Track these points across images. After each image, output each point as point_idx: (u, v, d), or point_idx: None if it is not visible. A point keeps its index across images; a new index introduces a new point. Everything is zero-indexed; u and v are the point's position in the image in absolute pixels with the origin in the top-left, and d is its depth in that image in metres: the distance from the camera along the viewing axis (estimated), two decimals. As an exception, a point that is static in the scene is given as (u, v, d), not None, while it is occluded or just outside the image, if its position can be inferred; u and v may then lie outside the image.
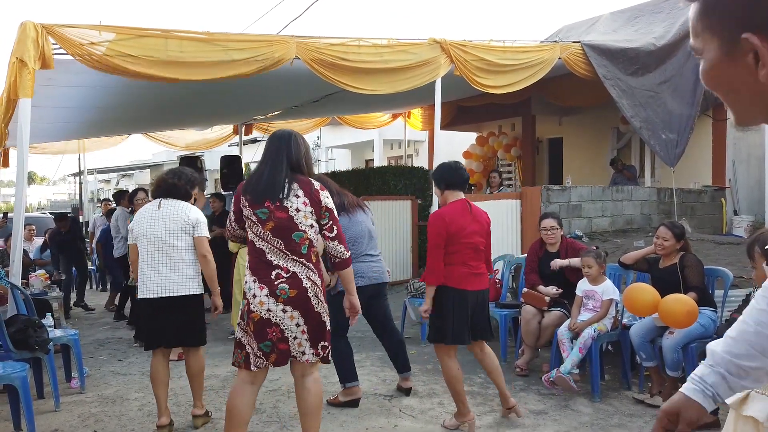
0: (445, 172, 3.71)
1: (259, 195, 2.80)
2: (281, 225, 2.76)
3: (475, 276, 3.59)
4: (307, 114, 10.05)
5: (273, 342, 2.76)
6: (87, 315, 8.16)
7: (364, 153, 19.32)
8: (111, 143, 11.33)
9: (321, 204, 2.83)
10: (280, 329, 2.75)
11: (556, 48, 7.12)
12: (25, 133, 4.50)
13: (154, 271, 3.58)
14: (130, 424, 3.85)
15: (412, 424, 3.75)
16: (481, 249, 3.62)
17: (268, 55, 5.38)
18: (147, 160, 30.56)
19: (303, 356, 2.79)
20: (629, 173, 9.64)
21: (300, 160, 2.89)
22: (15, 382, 3.49)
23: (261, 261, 2.78)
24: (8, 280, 4.50)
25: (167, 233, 3.58)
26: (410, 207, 8.69)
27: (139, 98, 6.71)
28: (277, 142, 2.92)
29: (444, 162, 3.85)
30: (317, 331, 2.80)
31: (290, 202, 2.78)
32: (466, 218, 3.57)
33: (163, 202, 3.67)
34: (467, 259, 3.56)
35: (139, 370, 5.13)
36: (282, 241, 2.76)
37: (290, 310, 2.74)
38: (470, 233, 3.56)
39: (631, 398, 4.13)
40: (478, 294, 3.63)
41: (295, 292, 2.74)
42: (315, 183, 2.88)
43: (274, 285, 2.74)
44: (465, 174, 3.75)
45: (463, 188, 3.70)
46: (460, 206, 3.60)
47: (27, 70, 4.34)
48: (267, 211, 2.78)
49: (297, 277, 2.75)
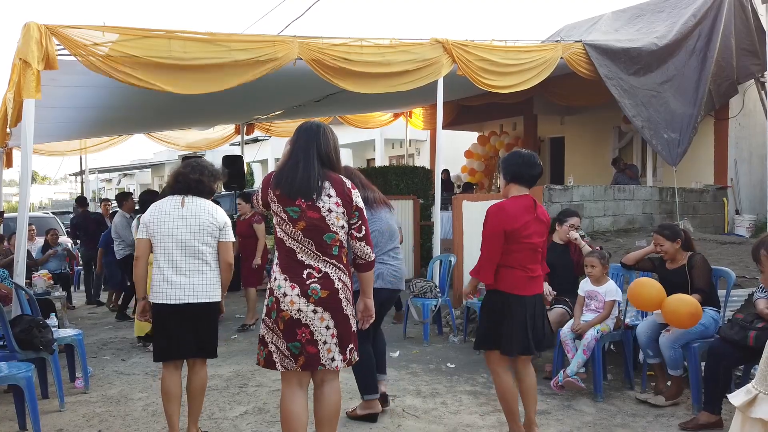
0: (513, 164, 3.33)
1: (293, 192, 2.70)
2: (313, 225, 2.68)
3: (530, 279, 3.28)
4: (309, 113, 10.06)
5: (302, 343, 2.68)
6: (90, 315, 8.18)
7: (366, 152, 19.33)
8: (112, 143, 11.33)
9: (353, 204, 2.76)
10: (310, 331, 2.68)
11: (558, 48, 7.13)
12: (29, 134, 4.52)
13: (175, 275, 3.27)
14: (135, 424, 3.86)
15: (415, 423, 3.76)
16: (539, 250, 3.33)
17: (270, 56, 5.39)
18: (148, 159, 30.60)
19: (332, 363, 2.71)
20: (631, 173, 9.65)
21: (330, 154, 2.79)
22: (20, 383, 3.50)
23: (292, 260, 2.70)
24: (12, 281, 4.51)
25: (192, 235, 3.29)
26: (412, 207, 8.70)
27: (141, 98, 6.72)
28: (306, 135, 2.79)
29: (518, 150, 3.45)
30: (345, 335, 2.74)
31: (323, 202, 2.69)
32: (529, 216, 3.27)
33: (187, 199, 3.36)
34: (525, 262, 3.26)
35: (143, 369, 5.14)
36: (313, 242, 2.69)
37: (321, 311, 2.67)
38: (532, 233, 3.26)
39: (633, 398, 4.13)
40: (536, 299, 3.31)
41: (327, 292, 2.68)
42: (347, 182, 2.79)
43: (306, 285, 2.67)
44: (536, 170, 3.33)
45: (531, 185, 3.35)
46: (524, 203, 3.28)
47: (31, 71, 4.35)
48: (299, 210, 2.68)
49: (329, 278, 2.69)
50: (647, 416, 3.82)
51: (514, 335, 3.23)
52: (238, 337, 6.27)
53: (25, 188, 4.77)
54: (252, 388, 4.52)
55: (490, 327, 3.31)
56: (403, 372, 4.87)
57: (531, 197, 3.32)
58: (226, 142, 12.27)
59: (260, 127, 11.48)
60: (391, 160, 17.07)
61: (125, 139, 11.27)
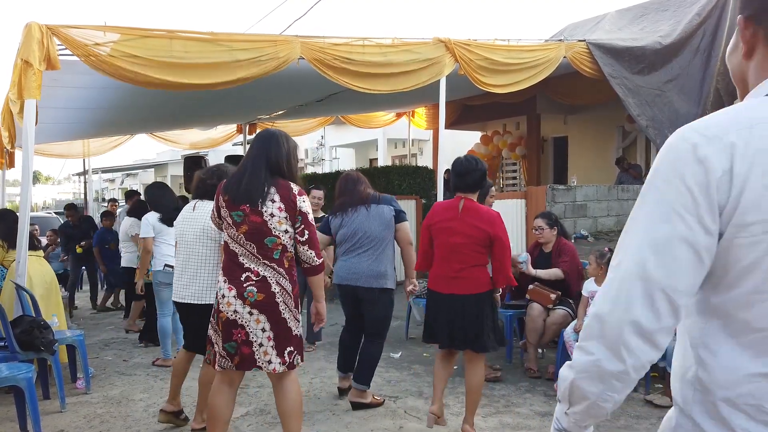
0: (452, 174, 3.51)
1: (238, 197, 2.81)
2: (255, 229, 2.77)
3: (451, 279, 3.37)
4: (311, 113, 10.05)
5: (238, 343, 2.78)
6: (92, 315, 8.17)
7: (368, 152, 19.32)
8: (115, 145, 11.33)
9: (296, 209, 2.80)
10: (246, 332, 2.76)
11: (561, 47, 7.10)
12: (31, 134, 4.50)
13: (182, 275, 3.55)
14: (136, 425, 3.85)
15: (417, 425, 3.74)
16: (463, 251, 3.34)
17: (272, 55, 5.37)
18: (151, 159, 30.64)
19: (269, 365, 2.77)
20: (635, 172, 9.60)
21: (280, 162, 2.86)
22: (21, 384, 3.49)
23: (233, 263, 2.82)
24: (14, 281, 4.50)
25: (195, 238, 3.49)
26: (414, 207, 8.67)
27: (144, 98, 6.71)
28: (259, 143, 2.93)
29: (457, 158, 3.58)
30: (283, 338, 2.79)
31: (266, 207, 2.77)
32: (448, 215, 3.40)
33: (200, 203, 3.56)
34: (446, 261, 3.39)
35: (144, 370, 5.14)
36: (255, 245, 2.77)
37: (257, 313, 2.75)
38: (451, 233, 3.36)
39: (637, 399, 4.11)
40: (455, 299, 3.36)
41: (263, 296, 2.75)
42: (294, 187, 2.85)
43: (243, 287, 2.76)
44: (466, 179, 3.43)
45: (465, 191, 3.43)
46: (450, 203, 3.47)
47: (32, 71, 4.34)
48: (242, 214, 2.80)
49: (266, 282, 2.76)
50: (651, 418, 3.79)
51: (434, 329, 3.46)
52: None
53: (27, 188, 4.76)
54: (253, 389, 4.50)
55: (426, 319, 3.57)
56: (405, 373, 4.85)
57: (460, 198, 3.43)
58: (229, 141, 12.27)
59: (262, 127, 11.47)
60: (393, 160, 17.04)
61: (128, 139, 11.28)
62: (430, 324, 3.52)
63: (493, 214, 3.42)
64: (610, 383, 0.99)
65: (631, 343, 0.96)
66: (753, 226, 0.89)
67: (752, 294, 0.92)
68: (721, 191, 0.90)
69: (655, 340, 0.95)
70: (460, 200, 3.42)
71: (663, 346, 0.97)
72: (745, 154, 0.90)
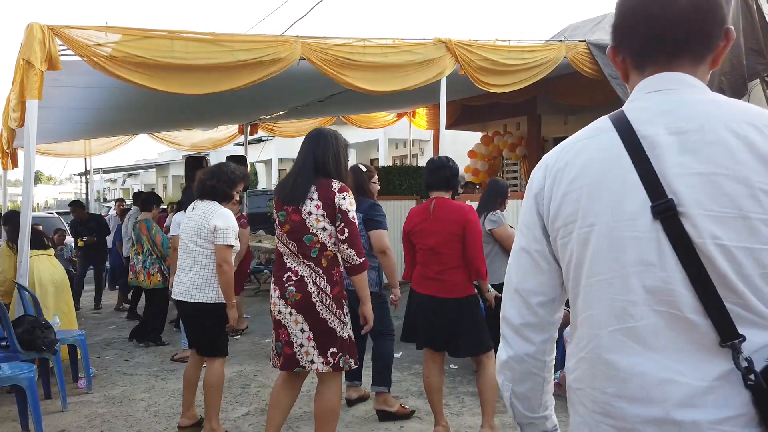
0: (426, 171, 3.56)
1: (284, 198, 2.87)
2: (295, 228, 2.80)
3: (427, 279, 3.39)
4: (312, 114, 10.05)
5: (282, 344, 2.83)
6: (94, 315, 8.19)
7: (369, 152, 19.32)
8: (116, 146, 11.34)
9: (335, 206, 2.78)
10: (288, 332, 2.80)
11: (562, 47, 7.09)
12: (32, 134, 4.51)
13: (179, 273, 3.60)
14: (137, 425, 3.86)
15: (418, 425, 3.75)
16: (441, 252, 3.32)
17: (273, 56, 5.38)
18: (152, 159, 30.67)
19: (312, 365, 2.79)
20: (635, 173, 9.59)
21: (326, 161, 2.87)
22: (22, 383, 3.51)
23: (279, 263, 2.88)
24: (16, 281, 4.52)
25: (189, 237, 3.54)
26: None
27: (145, 99, 6.72)
28: (306, 143, 2.95)
29: (431, 158, 3.66)
30: (325, 339, 2.77)
31: (305, 205, 2.80)
32: (421, 218, 3.43)
33: (197, 203, 3.60)
34: (424, 262, 3.42)
35: (146, 370, 5.15)
36: (296, 244, 2.81)
37: (295, 313, 2.78)
38: (425, 235, 3.39)
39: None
40: (430, 300, 3.37)
41: (300, 295, 2.77)
42: (334, 184, 2.81)
43: (284, 287, 2.81)
44: (435, 175, 3.46)
45: (437, 188, 3.44)
46: (423, 206, 3.50)
47: (34, 72, 4.35)
48: (285, 214, 2.85)
49: (304, 281, 2.78)
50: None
51: (412, 328, 3.48)
52: (240, 338, 6.27)
53: (28, 188, 4.77)
54: (254, 388, 4.51)
55: (405, 318, 3.57)
56: (406, 373, 4.85)
57: (432, 199, 3.44)
58: (230, 141, 12.28)
59: (263, 128, 11.48)
60: (394, 160, 17.04)
61: (130, 140, 11.30)
62: (408, 323, 3.53)
63: (464, 205, 3.44)
64: (504, 373, 1.16)
65: (506, 336, 1.15)
66: (561, 229, 1.05)
67: (573, 288, 1.07)
68: (541, 204, 1.09)
69: (522, 333, 1.13)
70: (431, 201, 3.44)
71: (534, 340, 1.12)
72: (552, 171, 1.07)
